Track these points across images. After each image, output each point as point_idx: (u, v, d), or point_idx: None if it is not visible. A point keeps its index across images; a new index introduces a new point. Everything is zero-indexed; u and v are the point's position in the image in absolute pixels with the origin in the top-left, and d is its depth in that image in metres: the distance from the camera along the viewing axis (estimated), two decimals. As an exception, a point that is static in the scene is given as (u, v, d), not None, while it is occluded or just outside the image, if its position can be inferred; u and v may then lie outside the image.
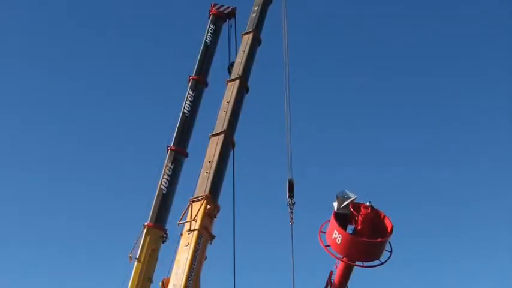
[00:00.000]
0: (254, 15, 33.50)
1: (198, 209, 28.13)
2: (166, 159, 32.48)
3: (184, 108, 32.08)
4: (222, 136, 29.05)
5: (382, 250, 18.84)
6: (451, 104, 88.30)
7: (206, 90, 32.86)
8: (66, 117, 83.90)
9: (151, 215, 33.13)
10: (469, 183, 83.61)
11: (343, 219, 18.98)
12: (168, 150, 32.58)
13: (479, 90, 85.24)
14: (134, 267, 32.67)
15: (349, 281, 20.25)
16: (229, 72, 31.93)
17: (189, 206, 28.72)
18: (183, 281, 26.27)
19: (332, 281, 20.55)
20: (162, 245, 33.22)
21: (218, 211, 29.39)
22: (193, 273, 26.88)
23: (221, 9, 34.71)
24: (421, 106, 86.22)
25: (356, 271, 19.88)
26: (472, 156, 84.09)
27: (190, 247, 27.40)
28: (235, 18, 34.84)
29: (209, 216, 28.70)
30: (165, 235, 33.15)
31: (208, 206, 28.40)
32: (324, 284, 21.03)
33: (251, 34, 32.40)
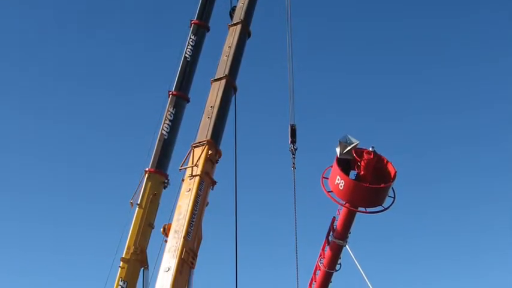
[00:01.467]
0: None
1: (199, 154, 28.20)
2: (168, 104, 32.47)
3: (185, 52, 31.95)
4: (223, 81, 28.97)
5: (385, 196, 18.90)
6: (455, 50, 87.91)
7: (208, 34, 32.69)
8: (68, 60, 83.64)
9: (153, 161, 33.26)
10: (472, 130, 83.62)
11: (345, 164, 19.00)
12: (169, 95, 32.55)
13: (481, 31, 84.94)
14: (135, 213, 32.91)
15: (352, 227, 20.39)
16: (231, 17, 31.68)
17: (190, 152, 28.81)
18: (185, 226, 26.47)
19: (335, 226, 20.67)
20: (164, 191, 33.41)
21: (220, 156, 29.48)
22: (194, 219, 27.08)
23: None
24: (425, 54, 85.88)
25: (359, 217, 20.01)
26: (474, 103, 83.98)
27: (191, 193, 27.55)
28: None
29: (211, 161, 28.80)
30: (166, 181, 33.33)
31: (210, 152, 28.48)
32: (327, 230, 21.17)
33: None
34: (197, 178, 27.76)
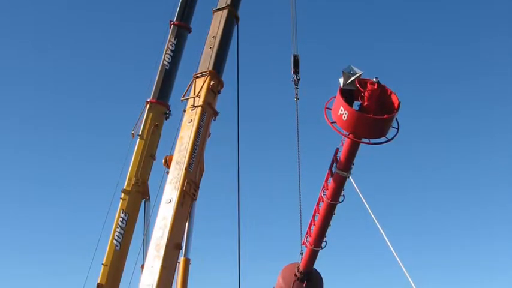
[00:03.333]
0: None
1: (201, 84, 28.28)
2: (170, 34, 32.43)
3: (189, -17, 31.82)
4: (226, 11, 28.86)
5: (389, 127, 18.92)
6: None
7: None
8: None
9: (154, 91, 33.38)
10: (475, 60, 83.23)
11: (349, 95, 18.97)
12: (171, 25, 32.48)
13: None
14: (136, 145, 33.18)
15: (356, 158, 20.51)
16: None
17: (192, 82, 28.87)
18: (186, 158, 26.70)
19: (338, 158, 20.77)
20: (165, 122, 33.64)
21: (222, 87, 29.54)
22: (196, 150, 27.29)
23: None
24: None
25: (362, 148, 20.10)
26: (478, 32, 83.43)
27: (193, 123, 27.71)
28: None
29: (213, 92, 28.88)
30: (168, 111, 33.52)
31: (212, 82, 28.54)
32: (330, 161, 21.28)
33: None
34: (199, 109, 27.89)
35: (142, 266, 26.22)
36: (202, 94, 28.31)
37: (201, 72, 28.19)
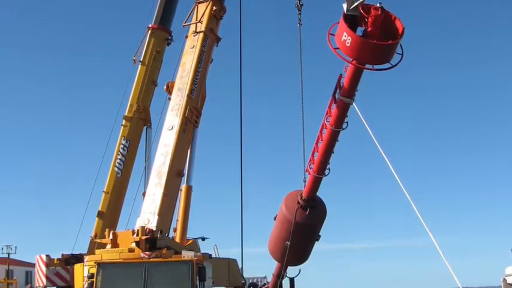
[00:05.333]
0: None
1: (203, 10, 28.28)
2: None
3: None
4: None
5: (393, 53, 18.95)
6: None
7: None
8: None
9: (156, 17, 33.35)
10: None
11: (352, 21, 18.97)
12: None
13: None
14: (138, 71, 33.31)
15: (359, 84, 20.56)
16: None
17: (194, 8, 28.87)
18: (189, 84, 26.86)
19: (341, 84, 20.84)
20: (167, 48, 33.71)
21: (224, 13, 29.53)
22: (198, 77, 27.45)
23: None
24: None
25: (366, 74, 20.15)
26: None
27: (195, 49, 27.79)
28: None
29: (215, 17, 28.91)
30: (169, 37, 33.54)
31: (214, 7, 28.55)
32: (333, 88, 21.35)
33: None
34: (201, 34, 27.95)
35: (144, 194, 26.61)
36: (205, 20, 28.31)
37: (204, -2, 28.29)
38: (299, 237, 24.80)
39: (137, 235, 22.55)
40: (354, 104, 20.81)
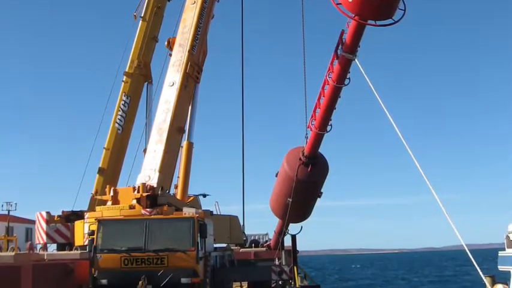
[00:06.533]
0: None
1: (204, -35, 28.04)
2: None
3: None
4: None
5: (395, 8, 18.82)
6: None
7: None
8: None
9: (156, -28, 33.17)
10: None
11: (355, -24, 18.84)
12: None
13: None
14: (139, 27, 33.21)
15: (361, 40, 20.46)
16: None
17: (195, -37, 28.59)
18: (190, 40, 26.78)
19: (344, 40, 20.74)
20: (168, 4, 33.57)
21: (225, -33, 29.31)
22: (199, 33, 27.35)
23: None
24: None
25: (368, 30, 20.05)
26: None
27: (196, 5, 27.67)
28: None
29: (215, -28, 28.72)
30: (170, -7, 33.35)
31: (215, -38, 28.33)
32: (335, 44, 21.25)
33: None
34: (202, -10, 27.77)
35: (145, 150, 26.71)
36: (205, -25, 28.13)
37: (205, -48, 28.03)
38: (301, 194, 24.94)
39: (138, 192, 22.70)
40: (356, 60, 20.71)
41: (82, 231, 23.89)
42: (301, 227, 29.11)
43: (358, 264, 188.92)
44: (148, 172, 23.93)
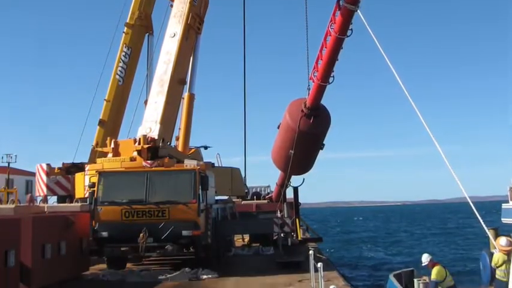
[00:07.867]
0: None
1: None
2: None
3: None
4: None
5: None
6: None
7: None
8: None
9: None
10: None
11: None
12: None
13: None
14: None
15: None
16: None
17: None
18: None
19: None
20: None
21: None
22: (201, -18, 27.14)
23: None
24: None
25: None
26: None
27: None
28: None
29: None
30: None
31: None
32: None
33: None
34: None
35: (146, 102, 26.63)
36: None
37: None
38: (303, 146, 24.91)
39: (139, 144, 22.66)
40: (358, 11, 20.48)
41: (82, 184, 23.94)
42: (303, 179, 29.20)
43: (360, 216, 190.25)
44: (149, 124, 23.87)
